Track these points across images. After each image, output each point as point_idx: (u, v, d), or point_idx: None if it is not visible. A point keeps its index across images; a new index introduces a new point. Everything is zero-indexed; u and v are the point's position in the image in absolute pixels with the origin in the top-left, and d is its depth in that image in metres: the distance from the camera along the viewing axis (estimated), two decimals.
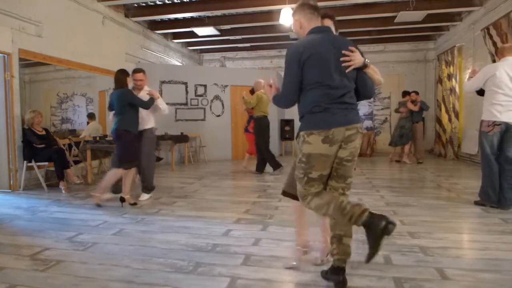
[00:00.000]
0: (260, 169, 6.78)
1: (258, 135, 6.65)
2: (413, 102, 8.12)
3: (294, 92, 2.07)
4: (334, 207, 1.98)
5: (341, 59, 2.02)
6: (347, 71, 2.04)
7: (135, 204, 4.30)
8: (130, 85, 4.43)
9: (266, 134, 6.71)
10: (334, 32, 2.28)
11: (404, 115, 8.16)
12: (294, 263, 2.45)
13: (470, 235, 3.19)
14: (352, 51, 2.05)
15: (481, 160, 4.02)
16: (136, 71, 4.54)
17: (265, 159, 6.74)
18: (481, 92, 4.22)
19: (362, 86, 2.15)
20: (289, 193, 2.38)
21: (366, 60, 2.10)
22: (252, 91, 6.77)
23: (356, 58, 2.05)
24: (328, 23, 2.29)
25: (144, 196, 4.62)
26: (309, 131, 2.02)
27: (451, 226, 3.40)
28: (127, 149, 4.22)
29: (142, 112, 4.45)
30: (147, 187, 4.68)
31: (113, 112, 4.34)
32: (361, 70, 2.11)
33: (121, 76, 4.24)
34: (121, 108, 4.20)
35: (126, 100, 4.21)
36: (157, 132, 7.45)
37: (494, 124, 3.85)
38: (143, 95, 4.44)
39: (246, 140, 7.35)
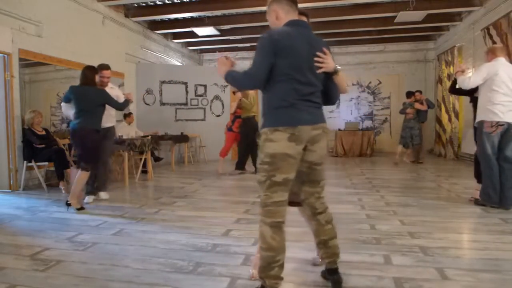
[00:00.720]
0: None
1: (248, 135, 6.60)
2: (417, 101, 8.10)
3: (264, 73, 1.89)
4: (268, 256, 1.87)
5: (315, 59, 1.96)
6: (318, 71, 1.97)
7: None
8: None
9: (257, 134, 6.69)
10: None
11: (412, 116, 8.09)
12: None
13: (470, 235, 3.19)
14: (325, 54, 1.98)
15: (481, 161, 4.00)
16: (104, 67, 4.46)
17: (244, 156, 6.75)
18: (459, 92, 4.45)
19: (329, 91, 2.09)
20: (294, 202, 2.27)
21: (337, 66, 2.06)
22: (234, 92, 6.74)
23: (329, 62, 1.99)
24: (304, 19, 2.18)
25: (106, 195, 4.66)
26: (274, 128, 1.88)
27: (451, 226, 3.40)
28: (94, 149, 4.10)
29: (111, 110, 4.47)
30: (106, 186, 4.71)
31: (72, 107, 4.15)
32: (330, 75, 2.05)
33: (89, 73, 4.11)
34: (94, 107, 4.06)
35: (102, 101, 4.11)
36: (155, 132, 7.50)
37: (498, 124, 3.84)
38: (110, 92, 4.37)
39: (226, 140, 7.04)
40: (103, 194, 4.66)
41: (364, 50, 11.22)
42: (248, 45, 10.93)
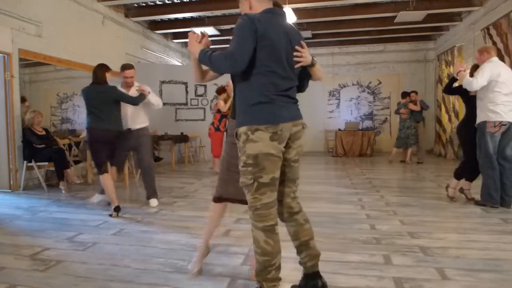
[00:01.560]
0: None
1: None
2: (412, 102, 8.14)
3: (247, 55, 1.73)
4: (264, 260, 1.81)
5: (294, 53, 1.87)
6: (296, 66, 1.89)
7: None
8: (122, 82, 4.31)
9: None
10: None
11: (406, 116, 8.14)
12: (194, 260, 2.35)
13: (470, 235, 3.18)
14: (303, 47, 1.91)
15: (483, 161, 3.99)
16: (127, 67, 4.31)
17: None
18: (454, 91, 4.60)
19: (302, 81, 2.02)
20: (227, 198, 2.19)
21: (314, 58, 1.99)
22: (223, 90, 6.64)
23: (307, 56, 1.91)
24: None
25: (155, 202, 4.34)
26: (254, 127, 1.77)
27: (451, 226, 3.40)
28: (110, 150, 3.89)
29: (140, 110, 4.28)
30: (155, 191, 4.42)
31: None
32: (307, 67, 1.97)
33: (98, 71, 3.92)
34: (104, 106, 3.84)
35: (113, 97, 3.90)
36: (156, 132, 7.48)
37: (501, 124, 3.86)
38: (134, 92, 4.22)
39: (216, 140, 6.90)
40: (152, 202, 4.30)
41: (364, 50, 11.22)
42: None
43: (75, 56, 6.38)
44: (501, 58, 5.78)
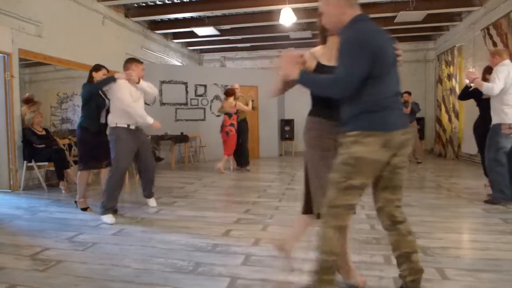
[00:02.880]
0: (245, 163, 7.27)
1: (247, 135, 7.29)
2: (404, 103, 8.11)
3: (358, 80, 1.66)
4: (328, 260, 1.78)
5: (396, 52, 1.85)
6: (398, 64, 1.87)
7: (87, 209, 3.98)
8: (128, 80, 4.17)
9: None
10: None
11: None
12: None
13: (470, 235, 3.19)
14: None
15: (491, 159, 4.04)
16: (128, 61, 4.02)
17: (246, 153, 7.29)
18: (470, 96, 4.67)
19: None
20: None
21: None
22: (233, 92, 6.90)
23: (401, 55, 1.88)
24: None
25: (154, 202, 4.27)
26: (368, 132, 1.72)
27: (451, 226, 3.40)
28: (85, 149, 3.92)
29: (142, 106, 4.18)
30: (151, 190, 4.31)
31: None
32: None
33: (91, 69, 3.99)
34: (82, 104, 3.94)
35: (83, 95, 3.92)
36: (157, 132, 7.46)
37: None
38: (144, 86, 4.05)
39: (232, 142, 7.04)
40: (151, 202, 4.25)
41: None
42: (248, 45, 10.93)
43: (75, 56, 6.38)
44: None
